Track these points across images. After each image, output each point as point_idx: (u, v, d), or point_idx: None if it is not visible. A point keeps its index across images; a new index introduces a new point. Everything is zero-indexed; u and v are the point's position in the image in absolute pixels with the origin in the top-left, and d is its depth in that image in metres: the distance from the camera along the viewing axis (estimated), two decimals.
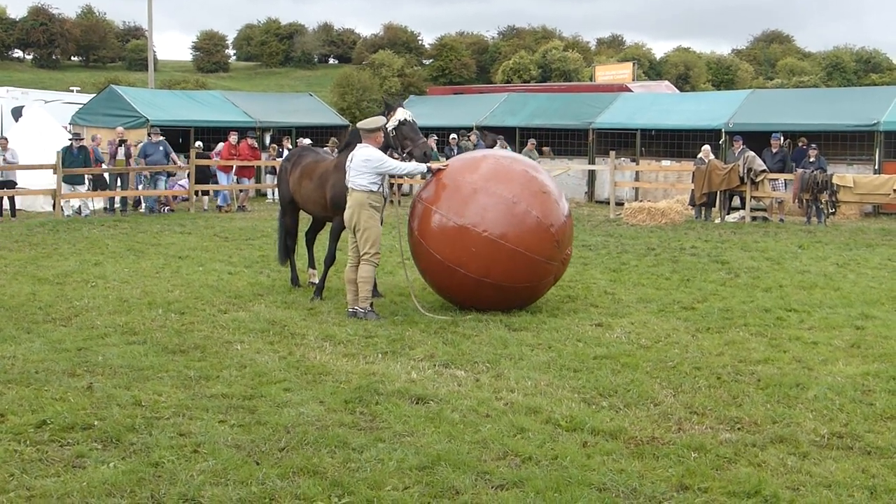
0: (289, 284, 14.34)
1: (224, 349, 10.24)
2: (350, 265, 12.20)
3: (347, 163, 12.09)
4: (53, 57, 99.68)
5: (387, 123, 12.44)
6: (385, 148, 12.34)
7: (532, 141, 30.78)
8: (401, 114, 12.55)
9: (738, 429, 7.69)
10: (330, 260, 13.32)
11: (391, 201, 14.33)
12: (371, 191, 11.85)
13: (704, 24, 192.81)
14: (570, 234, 12.47)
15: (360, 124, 12.29)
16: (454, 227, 11.81)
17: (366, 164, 11.76)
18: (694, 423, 7.80)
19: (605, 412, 8.04)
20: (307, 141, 30.60)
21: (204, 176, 28.23)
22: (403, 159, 12.45)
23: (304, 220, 14.93)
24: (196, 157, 27.33)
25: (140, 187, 26.47)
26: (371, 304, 12.08)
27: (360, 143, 12.13)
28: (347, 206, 11.99)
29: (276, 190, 18.79)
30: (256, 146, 29.38)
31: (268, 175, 30.54)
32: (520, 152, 30.62)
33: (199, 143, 29.89)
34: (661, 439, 7.39)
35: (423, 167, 12.13)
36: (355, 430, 7.54)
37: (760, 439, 7.40)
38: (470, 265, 11.75)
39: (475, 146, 29.73)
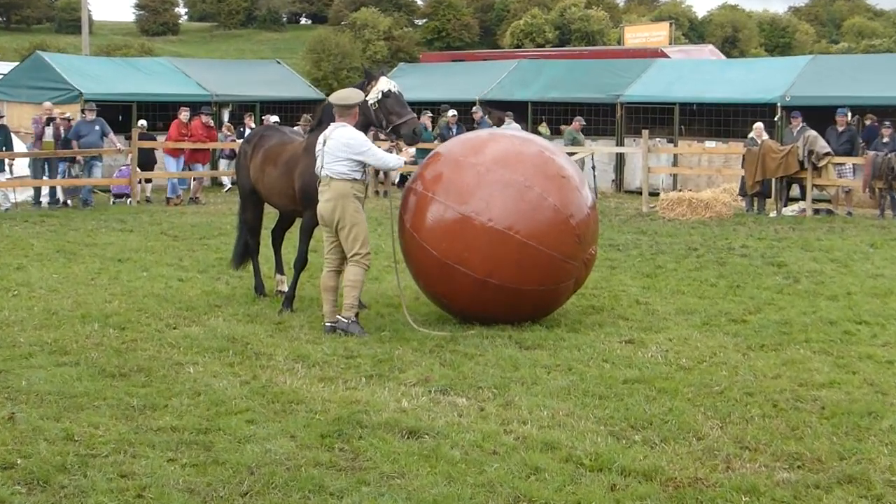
0: (252, 293, 14.33)
1: (173, 372, 10.22)
2: (328, 270, 12.19)
3: (319, 145, 12.05)
4: None
5: (367, 96, 12.43)
6: (366, 126, 12.33)
7: (579, 119, 29.81)
8: (384, 84, 12.54)
9: (799, 467, 7.68)
10: (301, 263, 13.30)
11: (377, 192, 14.36)
12: (355, 179, 11.84)
13: None
14: (595, 230, 12.48)
15: (333, 98, 12.26)
16: (454, 217, 11.80)
17: (346, 149, 11.74)
18: (745, 461, 7.79)
19: (637, 448, 8.03)
20: (274, 118, 30.59)
21: (148, 160, 28.23)
22: (389, 139, 12.47)
23: (271, 216, 14.92)
24: (139, 139, 27.33)
25: (63, 175, 26.25)
26: (356, 315, 12.07)
27: (334, 120, 12.13)
28: (325, 197, 11.91)
29: (235, 178, 18.75)
30: (212, 125, 29.30)
31: (223, 159, 30.53)
32: (534, 132, 30.71)
33: (142, 122, 29.88)
34: (706, 480, 7.38)
35: (402, 160, 12.11)
36: (333, 471, 7.53)
37: (825, 479, 7.39)
38: (472, 262, 11.72)
39: (477, 125, 29.74)
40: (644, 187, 26.75)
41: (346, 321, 11.91)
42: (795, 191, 25.43)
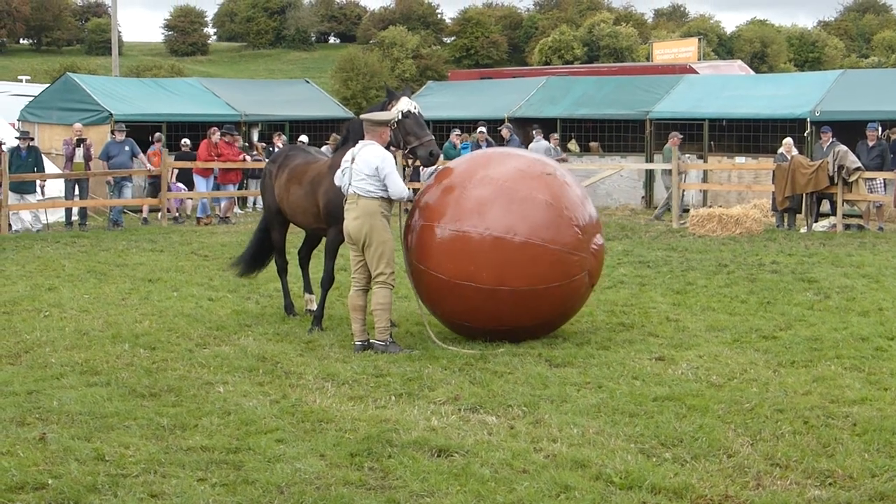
0: (282, 312, 14.37)
1: (203, 392, 10.25)
2: (355, 289, 12.20)
3: (346, 162, 12.07)
4: None
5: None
6: (388, 146, 12.39)
7: (676, 135, 28.44)
8: (404, 104, 12.56)
9: (830, 484, 7.65)
10: (328, 282, 13.33)
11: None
12: (383, 198, 11.87)
13: None
14: (596, 222, 12.56)
15: (365, 115, 12.30)
16: (452, 237, 11.90)
17: (375, 170, 11.75)
18: (776, 478, 7.76)
19: (667, 466, 8.02)
20: (304, 138, 30.67)
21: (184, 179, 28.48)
22: (406, 159, 12.52)
23: (298, 235, 14.95)
24: (178, 160, 27.52)
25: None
26: (391, 335, 12.08)
27: (362, 138, 12.19)
28: (353, 216, 11.93)
29: (261, 198, 18.84)
30: (234, 144, 29.22)
31: (251, 180, 30.59)
32: (564, 149, 30.75)
33: (185, 140, 29.97)
34: (737, 498, 7.36)
35: (407, 194, 12.11)
36: (363, 490, 7.54)
37: (857, 497, 7.36)
38: (480, 275, 11.77)
39: (507, 143, 29.75)
40: (674, 204, 26.68)
41: (382, 344, 11.91)
42: (826, 206, 25.32)
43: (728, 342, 12.43)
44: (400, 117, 12.44)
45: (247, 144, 31.93)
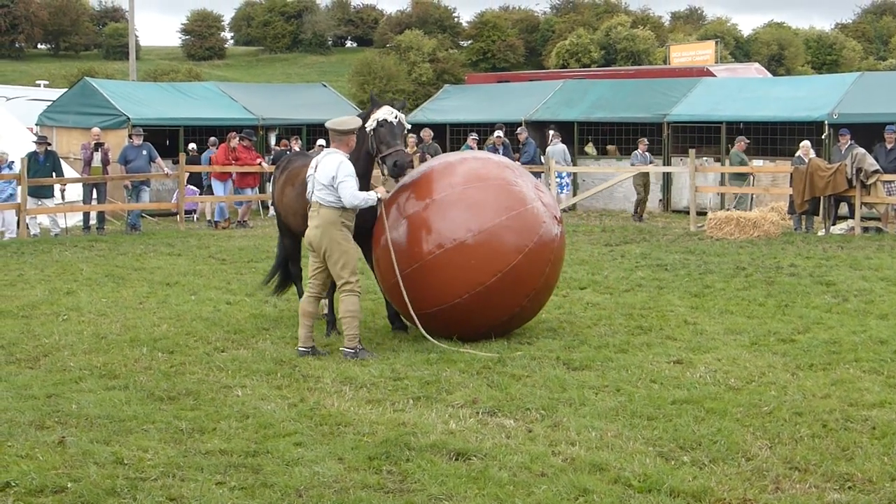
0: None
1: (222, 395, 10.28)
2: (308, 295, 12.30)
3: (310, 170, 12.13)
4: (17, 45, 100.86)
5: (365, 123, 12.49)
6: (368, 154, 12.46)
7: (742, 139, 27.92)
8: (382, 113, 12.54)
9: (849, 487, 7.64)
10: (332, 286, 13.33)
11: None
12: (343, 208, 11.88)
13: None
14: (531, 180, 12.91)
15: (329, 123, 12.30)
16: (421, 268, 12.11)
17: (332, 179, 11.78)
18: (795, 482, 7.75)
19: (686, 469, 8.01)
20: (321, 142, 30.71)
21: (196, 185, 28.55)
22: (381, 167, 12.53)
23: None
24: (186, 163, 27.57)
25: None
26: (359, 341, 12.09)
27: (364, 142, 12.39)
28: (314, 224, 11.95)
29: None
30: (252, 147, 29.26)
31: (269, 183, 30.64)
32: (581, 153, 30.73)
33: (192, 146, 30.14)
34: (755, 501, 7.35)
35: (374, 198, 12.10)
36: (381, 493, 7.55)
37: (876, 500, 7.35)
38: (467, 282, 11.99)
39: (523, 146, 29.72)
40: (692, 207, 26.67)
41: (351, 351, 11.92)
42: (844, 209, 25.26)
43: (746, 345, 12.41)
44: (375, 125, 12.45)
45: (277, 147, 31.98)
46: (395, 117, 12.55)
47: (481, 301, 12.08)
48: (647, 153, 28.71)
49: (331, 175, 11.75)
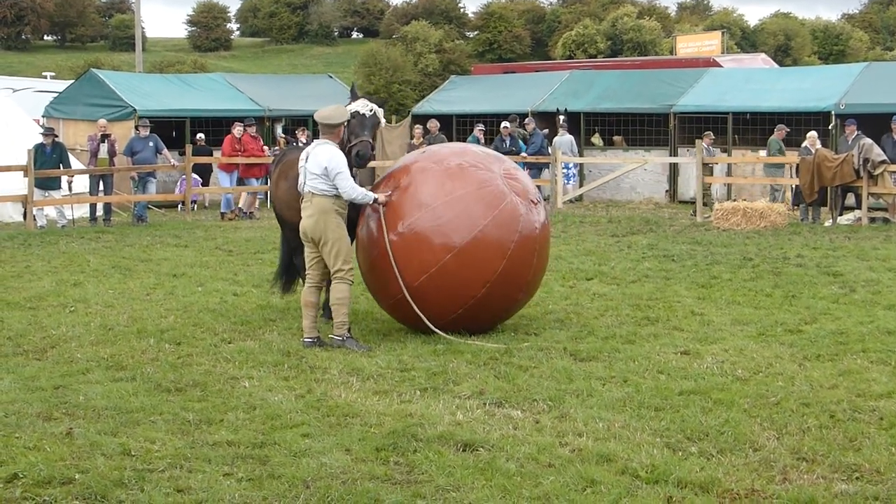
0: None
1: (229, 387, 10.28)
2: (308, 286, 12.30)
3: (301, 161, 12.17)
4: (23, 36, 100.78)
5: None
6: (341, 146, 12.41)
7: (782, 128, 27.39)
8: (356, 105, 12.63)
9: (857, 478, 7.63)
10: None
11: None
12: (336, 196, 11.91)
13: None
14: (507, 162, 12.94)
15: (318, 115, 12.31)
16: (429, 277, 11.99)
17: (324, 170, 11.80)
18: (802, 472, 7.74)
19: (693, 460, 8.00)
20: None
21: (204, 174, 28.57)
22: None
23: None
24: (193, 154, 27.58)
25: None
26: (349, 330, 12.11)
27: (360, 134, 12.37)
28: (307, 213, 11.98)
29: None
30: (258, 137, 29.27)
31: None
32: (587, 143, 30.69)
33: (200, 135, 30.16)
34: (763, 492, 7.34)
35: (371, 198, 12.09)
36: (389, 485, 7.54)
37: (884, 491, 7.33)
38: (480, 275, 11.94)
39: (530, 136, 29.67)
40: (698, 197, 26.64)
41: (339, 339, 11.95)
42: (851, 200, 25.22)
43: (753, 336, 12.40)
44: (348, 117, 12.48)
45: (284, 138, 32.00)
46: (371, 110, 12.63)
47: (476, 309, 12.09)
48: (711, 147, 28.18)
49: (323, 165, 11.78)
